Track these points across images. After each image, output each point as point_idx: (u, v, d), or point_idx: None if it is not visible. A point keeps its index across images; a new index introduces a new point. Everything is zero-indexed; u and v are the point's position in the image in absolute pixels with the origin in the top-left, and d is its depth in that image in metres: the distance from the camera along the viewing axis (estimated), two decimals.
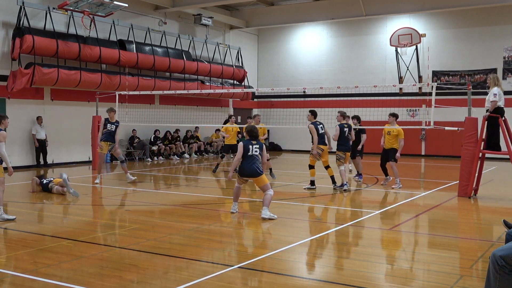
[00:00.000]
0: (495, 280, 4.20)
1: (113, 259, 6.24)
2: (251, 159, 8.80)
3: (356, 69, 24.64)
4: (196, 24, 23.25)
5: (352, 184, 13.34)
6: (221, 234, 7.84)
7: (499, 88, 10.53)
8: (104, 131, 13.10)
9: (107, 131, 13.07)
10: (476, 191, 11.26)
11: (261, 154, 8.97)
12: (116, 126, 13.14)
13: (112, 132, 13.09)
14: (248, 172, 8.79)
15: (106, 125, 13.11)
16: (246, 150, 8.83)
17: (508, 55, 21.72)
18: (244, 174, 8.87)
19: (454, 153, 20.56)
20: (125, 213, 9.53)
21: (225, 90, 22.54)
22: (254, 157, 8.83)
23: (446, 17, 22.85)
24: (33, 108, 17.06)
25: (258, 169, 8.80)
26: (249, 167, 8.77)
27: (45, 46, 16.17)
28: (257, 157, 8.87)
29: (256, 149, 8.86)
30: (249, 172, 8.79)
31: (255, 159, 8.84)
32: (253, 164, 8.79)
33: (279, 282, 5.35)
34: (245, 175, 8.87)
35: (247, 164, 8.80)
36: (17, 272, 5.60)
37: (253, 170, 8.76)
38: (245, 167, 8.82)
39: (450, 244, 7.26)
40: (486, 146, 10.93)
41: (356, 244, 7.42)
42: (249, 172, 8.79)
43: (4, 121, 8.78)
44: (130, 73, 19.23)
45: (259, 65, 27.84)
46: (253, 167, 8.77)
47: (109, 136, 13.07)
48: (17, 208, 9.74)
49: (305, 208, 10.19)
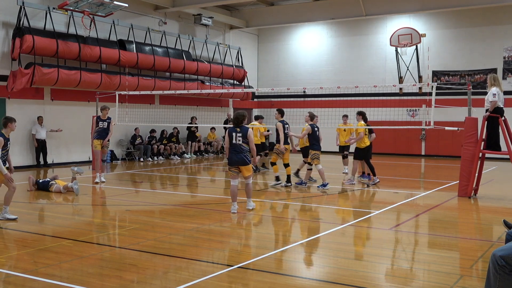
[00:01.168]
0: (495, 280, 4.20)
1: (113, 259, 6.24)
2: (236, 148, 9.10)
3: (356, 69, 24.64)
4: (196, 24, 23.26)
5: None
6: (221, 234, 7.84)
7: (498, 88, 10.53)
8: (96, 129, 13.23)
9: (99, 129, 13.20)
10: (476, 191, 11.26)
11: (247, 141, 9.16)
12: (108, 123, 13.27)
13: (105, 129, 13.21)
14: (235, 160, 9.10)
15: (98, 123, 13.24)
16: (230, 137, 9.16)
17: (508, 55, 21.72)
18: (232, 163, 9.18)
19: (454, 153, 20.57)
20: (125, 213, 9.53)
21: (225, 90, 22.54)
22: (238, 146, 9.11)
23: (446, 17, 22.85)
24: (33, 108, 17.06)
25: (246, 158, 9.12)
26: (236, 155, 9.07)
27: (45, 46, 16.17)
28: (242, 145, 9.11)
29: (239, 137, 9.11)
30: (236, 160, 9.10)
31: (241, 148, 9.11)
32: (240, 153, 9.08)
33: (279, 282, 5.35)
34: (233, 163, 9.16)
35: (234, 153, 9.10)
36: (17, 272, 5.59)
37: (240, 159, 9.08)
38: (232, 156, 9.14)
39: (450, 244, 7.26)
40: (486, 146, 10.93)
41: (356, 244, 7.42)
42: (236, 160, 9.10)
43: (10, 124, 8.61)
44: (130, 73, 19.23)
45: (259, 65, 27.84)
46: (240, 156, 9.07)
47: (103, 133, 13.18)
48: (17, 208, 9.74)
49: (305, 208, 10.19)
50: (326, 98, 24.47)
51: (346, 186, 12.92)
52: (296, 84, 25.09)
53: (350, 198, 11.63)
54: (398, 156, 23.00)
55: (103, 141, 13.19)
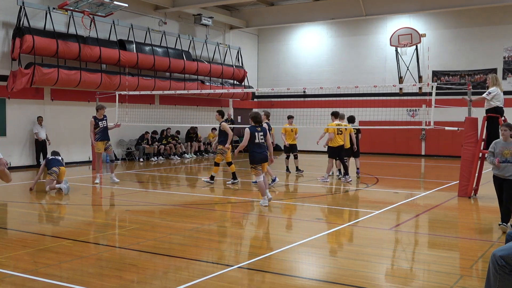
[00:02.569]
0: (495, 280, 4.20)
1: (113, 259, 6.24)
2: (260, 146, 9.67)
3: (356, 69, 24.64)
4: (196, 24, 23.26)
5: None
6: (221, 234, 7.84)
7: (497, 88, 10.52)
8: (97, 131, 13.01)
9: (100, 129, 13.00)
10: (476, 191, 11.25)
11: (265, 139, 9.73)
12: (105, 120, 13.14)
13: (106, 127, 13.09)
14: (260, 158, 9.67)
15: (97, 124, 13.01)
16: (253, 136, 9.62)
17: (508, 55, 21.72)
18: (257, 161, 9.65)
19: (454, 153, 20.56)
20: (125, 213, 9.53)
21: (225, 90, 22.54)
22: (261, 144, 9.69)
23: (446, 17, 22.85)
24: (33, 108, 17.05)
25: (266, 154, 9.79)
26: (261, 153, 9.67)
27: (45, 46, 16.17)
28: (263, 143, 9.75)
29: (261, 136, 9.70)
30: (261, 158, 9.68)
31: (264, 145, 9.74)
32: (264, 151, 9.70)
33: (279, 282, 5.35)
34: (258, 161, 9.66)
35: (259, 151, 9.64)
36: (17, 272, 5.59)
37: (264, 156, 9.72)
38: (257, 155, 9.65)
39: (450, 244, 7.26)
40: (486, 146, 10.92)
41: (356, 244, 7.42)
42: (261, 158, 9.68)
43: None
44: (130, 73, 19.23)
45: (259, 65, 27.84)
46: (264, 153, 9.71)
47: (105, 134, 13.04)
48: (17, 208, 9.75)
49: (305, 208, 10.19)
50: (326, 98, 24.47)
51: (345, 186, 12.92)
52: (296, 84, 25.08)
53: (350, 198, 11.64)
54: (398, 156, 23.00)
55: (106, 142, 13.08)
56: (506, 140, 7.79)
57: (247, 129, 9.78)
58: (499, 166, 7.63)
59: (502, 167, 7.62)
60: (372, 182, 13.85)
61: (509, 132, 7.76)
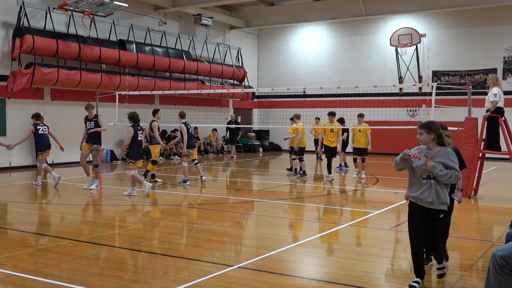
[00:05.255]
0: (495, 280, 4.20)
1: (113, 259, 6.23)
2: (140, 144, 10.90)
3: (356, 69, 24.63)
4: (196, 24, 23.26)
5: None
6: (221, 234, 7.83)
7: (498, 88, 10.52)
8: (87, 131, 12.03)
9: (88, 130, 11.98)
10: (476, 191, 11.25)
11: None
12: (95, 121, 12.01)
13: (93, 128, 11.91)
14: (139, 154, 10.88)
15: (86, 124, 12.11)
16: (136, 135, 10.70)
17: (508, 55, 21.72)
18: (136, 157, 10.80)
19: None
20: (125, 213, 9.53)
21: (225, 90, 22.54)
22: (141, 142, 10.89)
23: (446, 17, 22.85)
24: (33, 108, 16.99)
25: None
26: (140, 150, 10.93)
27: (45, 46, 16.17)
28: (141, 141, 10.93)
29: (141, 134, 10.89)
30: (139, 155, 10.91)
31: (141, 143, 10.94)
32: (142, 149, 11.04)
33: (279, 282, 5.35)
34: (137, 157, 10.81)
35: (137, 148, 10.81)
36: (17, 272, 5.59)
37: (141, 154, 11.05)
38: (137, 151, 10.83)
39: (450, 244, 7.24)
40: (486, 146, 10.93)
41: (356, 244, 7.42)
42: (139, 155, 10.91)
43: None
44: (130, 73, 19.23)
45: (259, 65, 27.84)
46: (142, 151, 11.03)
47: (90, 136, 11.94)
48: (17, 208, 9.75)
49: (305, 208, 10.19)
50: (326, 98, 24.47)
51: (346, 186, 12.92)
52: (296, 84, 25.08)
53: (350, 198, 11.64)
54: None
55: (92, 145, 11.93)
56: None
57: (131, 128, 10.82)
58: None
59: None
60: (372, 182, 13.85)
61: None
